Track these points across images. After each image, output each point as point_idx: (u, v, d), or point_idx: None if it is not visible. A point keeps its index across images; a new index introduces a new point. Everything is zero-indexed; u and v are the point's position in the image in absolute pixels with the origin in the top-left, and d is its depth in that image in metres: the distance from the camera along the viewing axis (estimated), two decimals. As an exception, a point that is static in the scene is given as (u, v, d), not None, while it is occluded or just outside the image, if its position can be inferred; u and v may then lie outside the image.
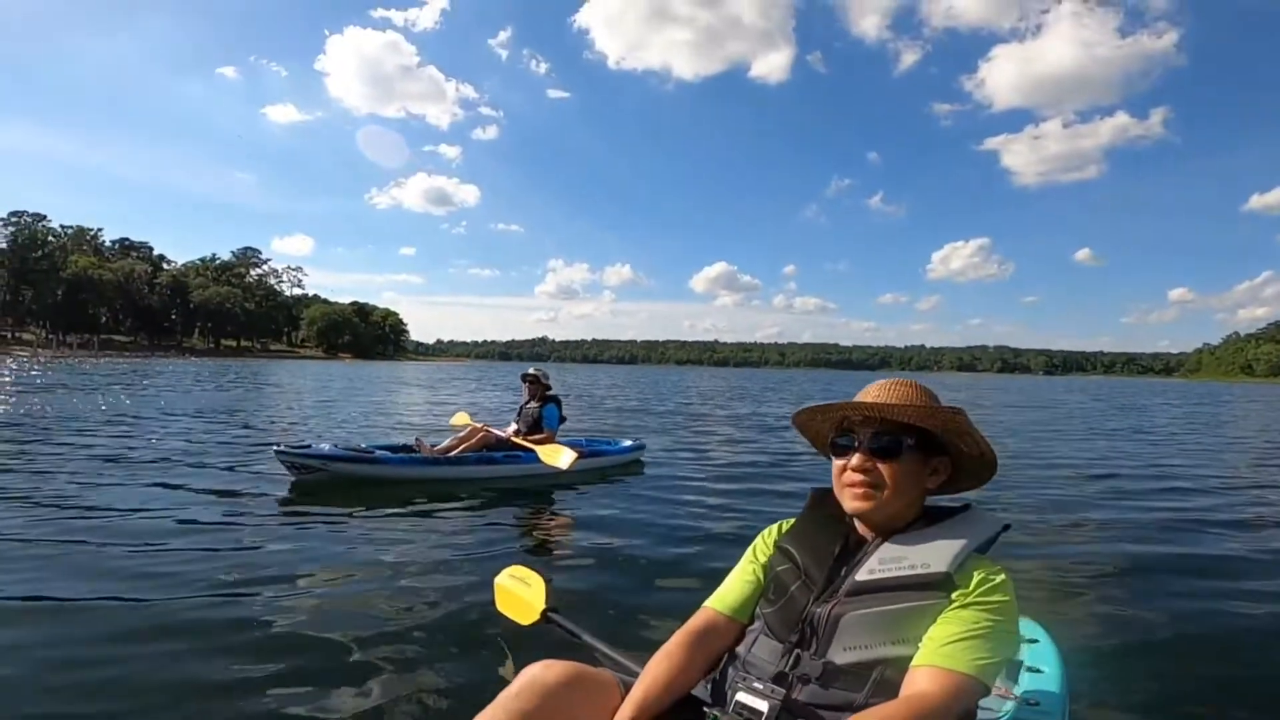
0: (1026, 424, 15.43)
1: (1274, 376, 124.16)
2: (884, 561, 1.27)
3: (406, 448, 6.34)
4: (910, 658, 1.18)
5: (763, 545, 1.47)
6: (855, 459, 1.30)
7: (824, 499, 1.44)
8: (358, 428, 10.95)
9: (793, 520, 1.48)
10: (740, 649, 1.35)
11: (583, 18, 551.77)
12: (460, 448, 6.20)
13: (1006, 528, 1.32)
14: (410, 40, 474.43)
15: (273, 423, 11.24)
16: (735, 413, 16.70)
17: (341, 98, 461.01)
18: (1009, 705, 1.64)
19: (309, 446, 5.96)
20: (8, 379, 22.46)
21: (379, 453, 6.04)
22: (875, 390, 1.37)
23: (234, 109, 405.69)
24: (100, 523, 4.20)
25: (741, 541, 4.27)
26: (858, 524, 1.35)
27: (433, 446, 6.25)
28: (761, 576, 1.42)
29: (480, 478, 6.04)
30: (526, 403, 6.68)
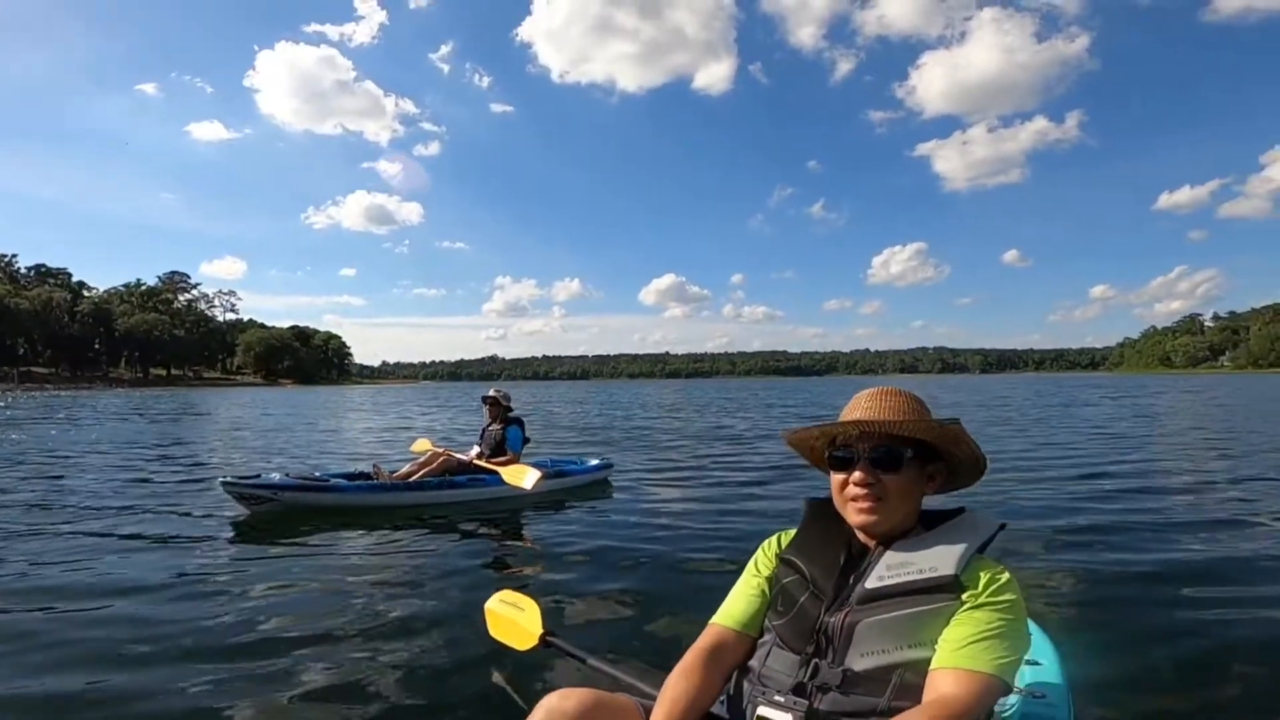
0: (987, 422, 15.94)
1: (1191, 367, 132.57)
2: (891, 568, 1.28)
3: (364, 475, 6.09)
4: (928, 659, 1.19)
5: (764, 559, 1.46)
6: (857, 473, 1.30)
7: (821, 510, 1.45)
8: (310, 456, 10.48)
9: (792, 532, 1.48)
10: (753, 663, 1.35)
11: (525, 31, 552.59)
12: (420, 473, 5.99)
13: (1003, 527, 1.34)
14: (346, 55, 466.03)
15: (212, 454, 10.66)
16: (696, 426, 16.73)
17: (273, 114, 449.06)
18: (1014, 699, 1.64)
19: (258, 476, 5.65)
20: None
21: (335, 480, 5.78)
22: (866, 401, 1.38)
23: (154, 127, 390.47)
24: (29, 585, 3.66)
25: (719, 557, 4.25)
26: (858, 533, 1.36)
27: (391, 473, 6.01)
28: (767, 590, 1.42)
29: (443, 503, 5.83)
30: (489, 425, 6.50)
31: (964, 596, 1.22)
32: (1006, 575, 1.25)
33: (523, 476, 5.73)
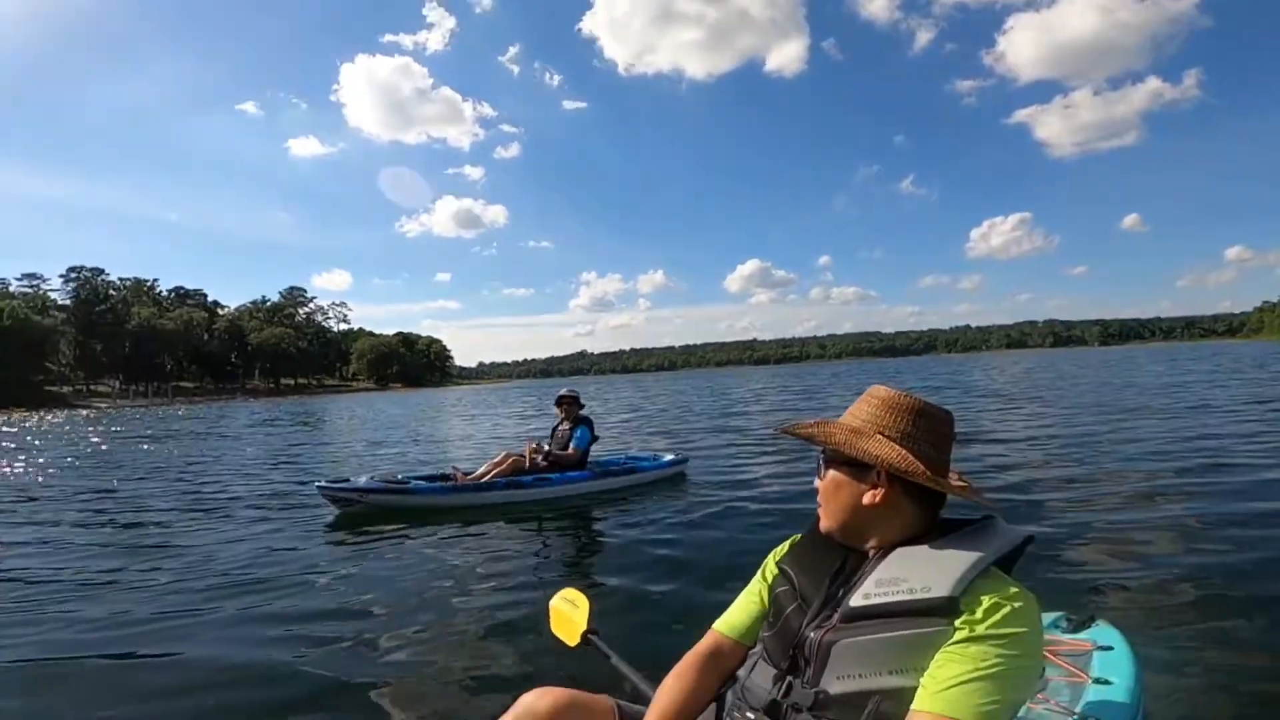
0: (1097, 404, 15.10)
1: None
2: (880, 584, 1.16)
3: (444, 476, 6.76)
4: (909, 688, 1.06)
5: (770, 565, 1.41)
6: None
7: None
8: (405, 459, 11.63)
9: (799, 537, 1.41)
10: (740, 673, 1.32)
11: (588, 25, 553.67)
12: (492, 474, 6.59)
13: (1030, 540, 1.20)
14: (421, 63, 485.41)
15: (335, 461, 12.12)
16: (779, 417, 16.59)
17: (361, 126, 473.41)
18: (1084, 686, 1.65)
19: (348, 481, 6.56)
20: (119, 428, 24.57)
21: (414, 483, 6.53)
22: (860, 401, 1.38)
23: (257, 145, 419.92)
24: (186, 560, 4.83)
25: (736, 544, 4.67)
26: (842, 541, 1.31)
27: (466, 474, 6.64)
28: (766, 598, 1.37)
29: (511, 502, 6.32)
30: (560, 424, 7.14)
31: (958, 623, 1.06)
32: (1019, 602, 1.07)
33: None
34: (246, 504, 7.16)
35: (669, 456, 7.66)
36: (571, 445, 6.94)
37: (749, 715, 1.20)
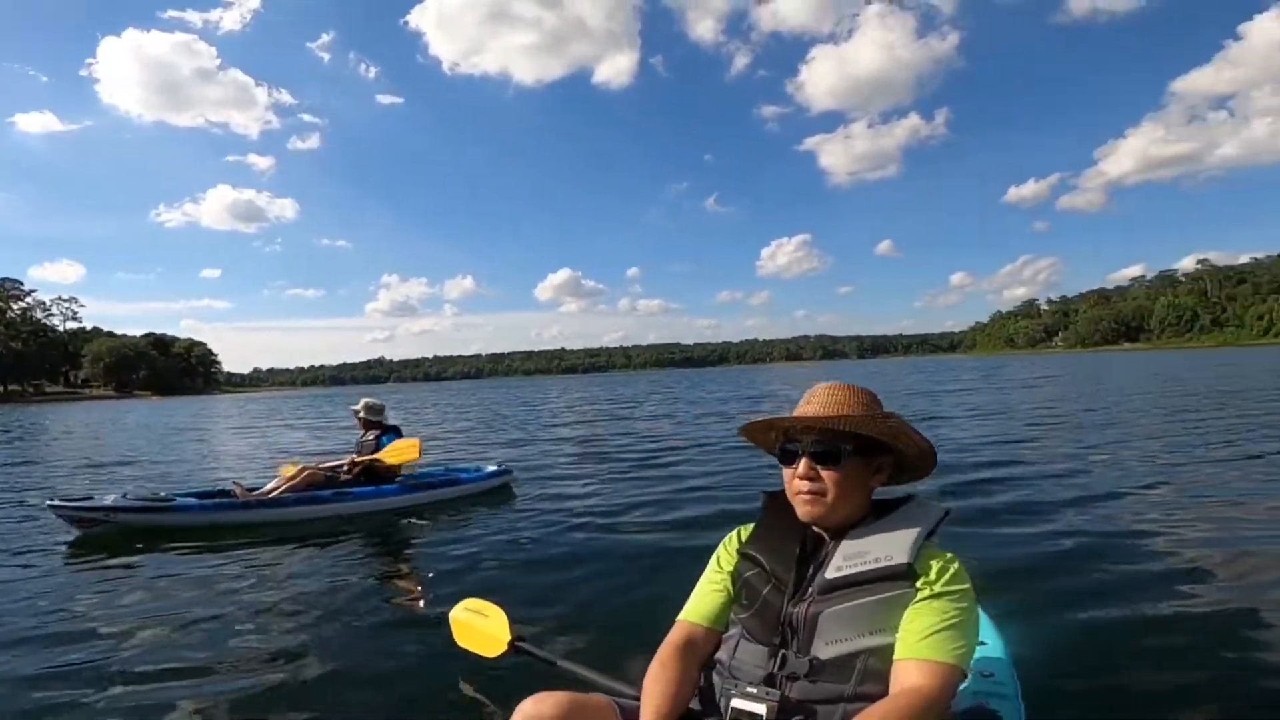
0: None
1: (1030, 347, 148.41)
2: (848, 558, 1.33)
3: (222, 493, 5.99)
4: (888, 645, 1.26)
5: (725, 554, 1.51)
6: (801, 466, 1.37)
7: (778, 502, 1.49)
8: (169, 477, 9.99)
9: (751, 526, 1.53)
10: (722, 656, 1.41)
11: (415, 20, 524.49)
12: (283, 489, 5.94)
13: (947, 513, 1.40)
14: (210, 42, 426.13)
15: (45, 478, 9.95)
16: (595, 422, 16.90)
17: (116, 104, 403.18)
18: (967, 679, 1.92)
19: (89, 498, 5.55)
20: None
21: (182, 500, 5.67)
22: (819, 397, 1.43)
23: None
24: None
25: (628, 558, 4.48)
26: (811, 524, 1.41)
27: (251, 490, 5.95)
28: (730, 585, 1.46)
29: (308, 519, 5.73)
30: (363, 436, 6.60)
31: (919, 584, 1.28)
32: (957, 563, 1.32)
33: (407, 450, 5.95)
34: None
35: (492, 467, 7.36)
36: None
37: (749, 690, 1.29)
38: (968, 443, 9.37)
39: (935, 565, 1.30)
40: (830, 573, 1.33)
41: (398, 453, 6.12)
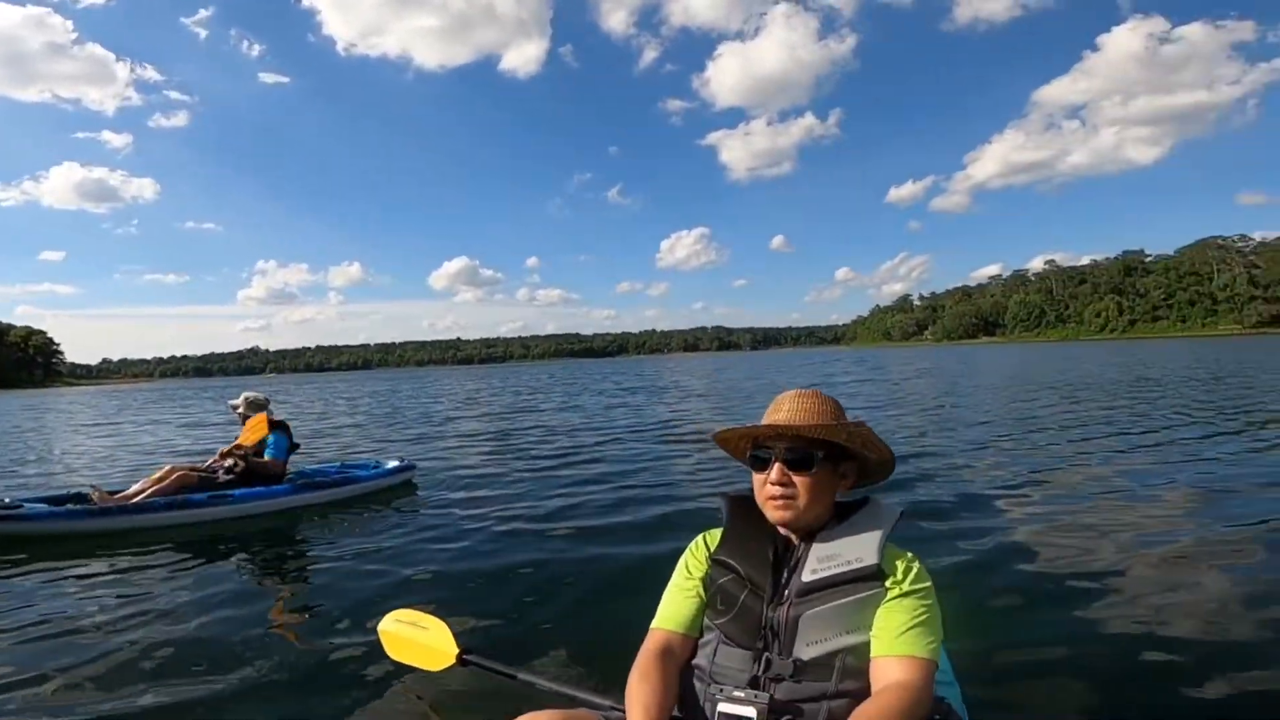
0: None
1: (904, 340, 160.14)
2: (821, 561, 1.39)
3: (78, 497, 5.25)
4: (864, 643, 1.33)
5: (694, 561, 1.53)
6: (773, 473, 1.41)
7: (744, 508, 1.53)
8: (8, 476, 8.62)
9: (717, 532, 1.55)
10: (701, 662, 1.42)
11: None
12: (149, 492, 5.24)
13: (902, 514, 1.47)
14: (67, 15, 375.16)
15: None
16: (506, 414, 16.38)
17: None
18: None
19: None
20: None
21: (31, 506, 4.92)
22: (787, 405, 1.47)
23: None
24: None
25: (556, 558, 4.17)
26: (780, 528, 1.46)
27: (113, 494, 5.23)
28: (702, 590, 1.48)
29: (179, 524, 5.09)
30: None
31: (888, 584, 1.35)
32: (918, 562, 1.41)
33: (257, 426, 5.63)
34: None
35: (393, 463, 6.86)
36: (267, 455, 5.80)
37: (736, 694, 1.31)
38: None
39: (900, 565, 1.38)
40: (806, 576, 1.38)
41: (253, 429, 5.64)
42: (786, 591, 1.38)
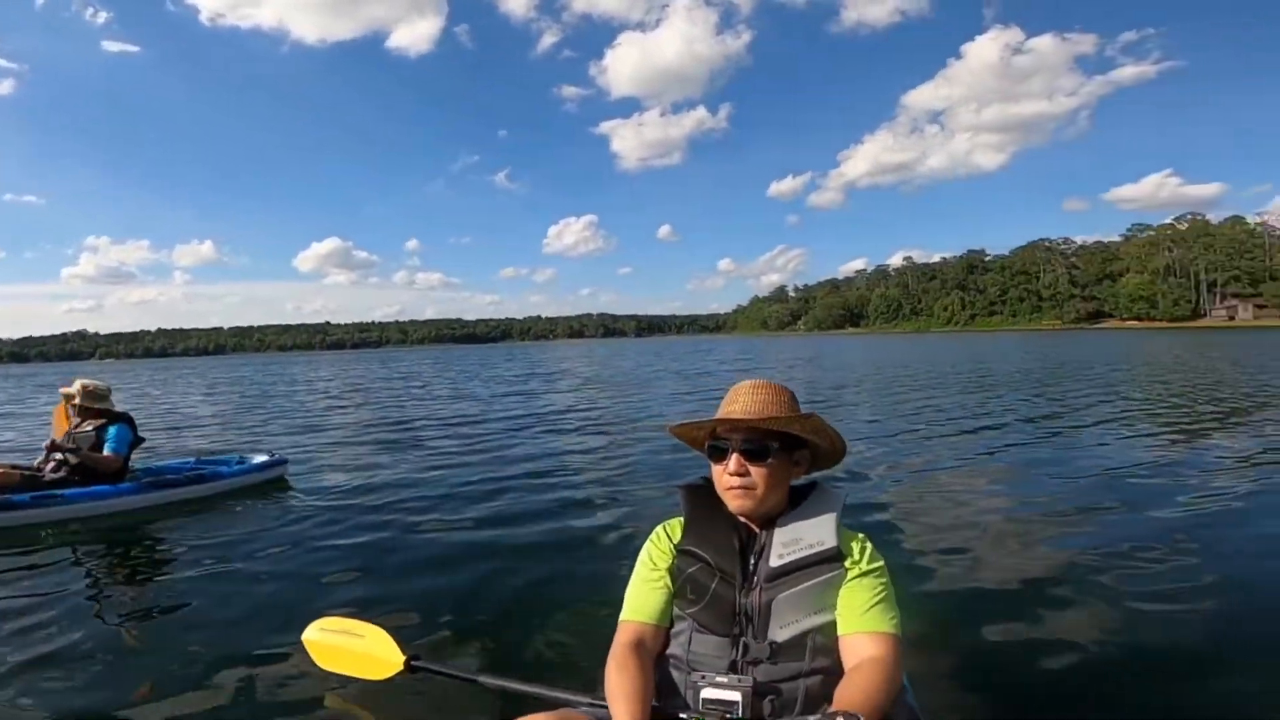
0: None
1: (779, 330, 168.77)
2: (786, 545, 1.44)
3: None
4: (830, 621, 1.40)
5: (658, 552, 1.54)
6: (732, 463, 1.44)
7: (701, 496, 1.55)
8: None
9: (676, 523, 1.57)
10: (676, 651, 1.46)
11: None
12: None
13: (845, 496, 1.55)
14: None
15: None
16: (388, 402, 15.51)
17: None
18: None
19: None
20: None
21: None
22: (744, 395, 1.49)
23: None
24: None
25: (465, 552, 3.97)
26: (739, 516, 1.50)
27: None
28: (669, 581, 1.49)
29: None
30: (79, 425, 5.09)
31: (847, 564, 1.42)
32: (870, 543, 1.48)
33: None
34: None
35: (262, 457, 6.18)
36: (106, 449, 5.00)
37: (719, 679, 1.32)
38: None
39: (856, 546, 1.45)
40: (774, 561, 1.42)
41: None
42: (755, 577, 1.42)
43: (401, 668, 1.99)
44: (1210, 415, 8.92)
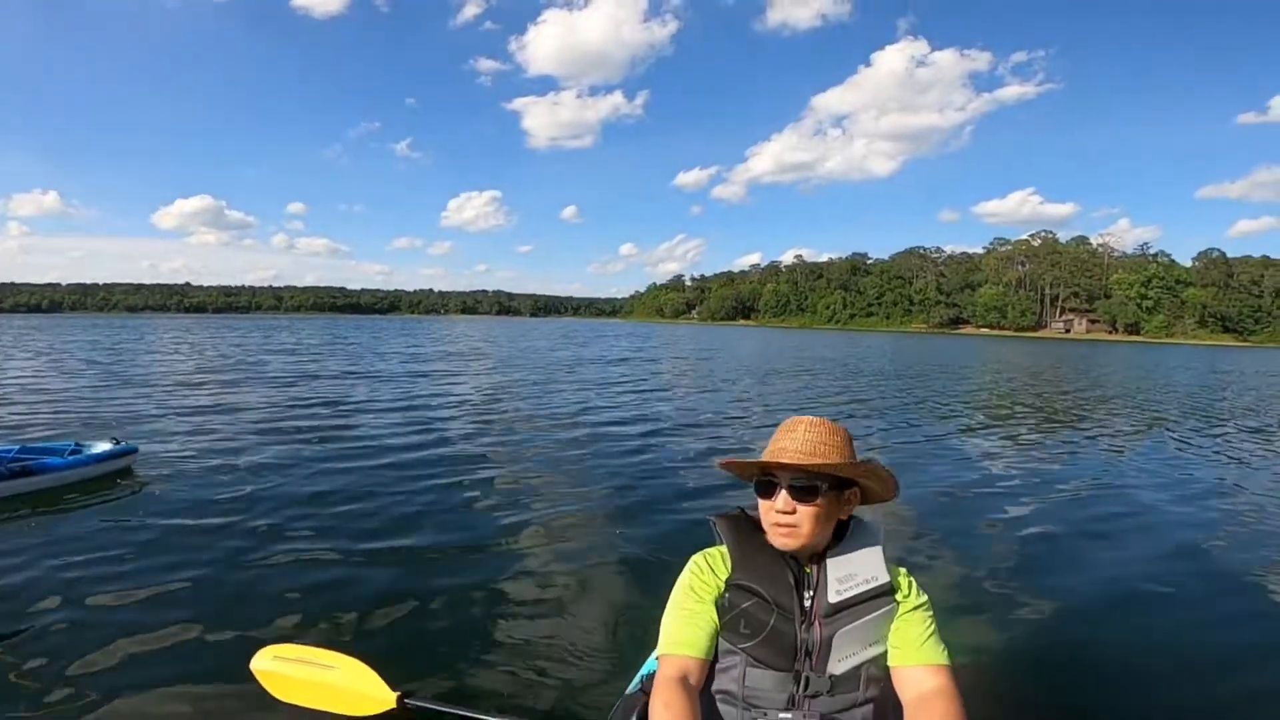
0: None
1: (674, 318, 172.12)
2: (842, 582, 1.46)
3: None
4: (882, 653, 1.44)
5: (701, 584, 1.51)
6: (780, 500, 1.44)
7: (745, 529, 1.55)
8: None
9: (716, 553, 1.55)
10: (729, 686, 1.46)
11: None
12: None
13: (882, 529, 1.58)
14: None
15: None
16: (266, 376, 14.24)
17: None
18: None
19: None
20: None
21: None
22: (799, 434, 1.47)
23: None
24: None
25: (269, 553, 3.75)
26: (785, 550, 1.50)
27: None
28: (715, 614, 1.47)
29: None
30: None
31: (898, 598, 1.47)
32: (911, 576, 1.53)
33: None
34: None
35: (103, 445, 5.37)
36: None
37: (783, 716, 1.39)
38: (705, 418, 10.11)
39: (904, 581, 1.50)
40: (832, 597, 1.44)
41: None
42: (813, 612, 1.44)
43: (394, 705, 1.89)
44: (1025, 418, 9.97)
